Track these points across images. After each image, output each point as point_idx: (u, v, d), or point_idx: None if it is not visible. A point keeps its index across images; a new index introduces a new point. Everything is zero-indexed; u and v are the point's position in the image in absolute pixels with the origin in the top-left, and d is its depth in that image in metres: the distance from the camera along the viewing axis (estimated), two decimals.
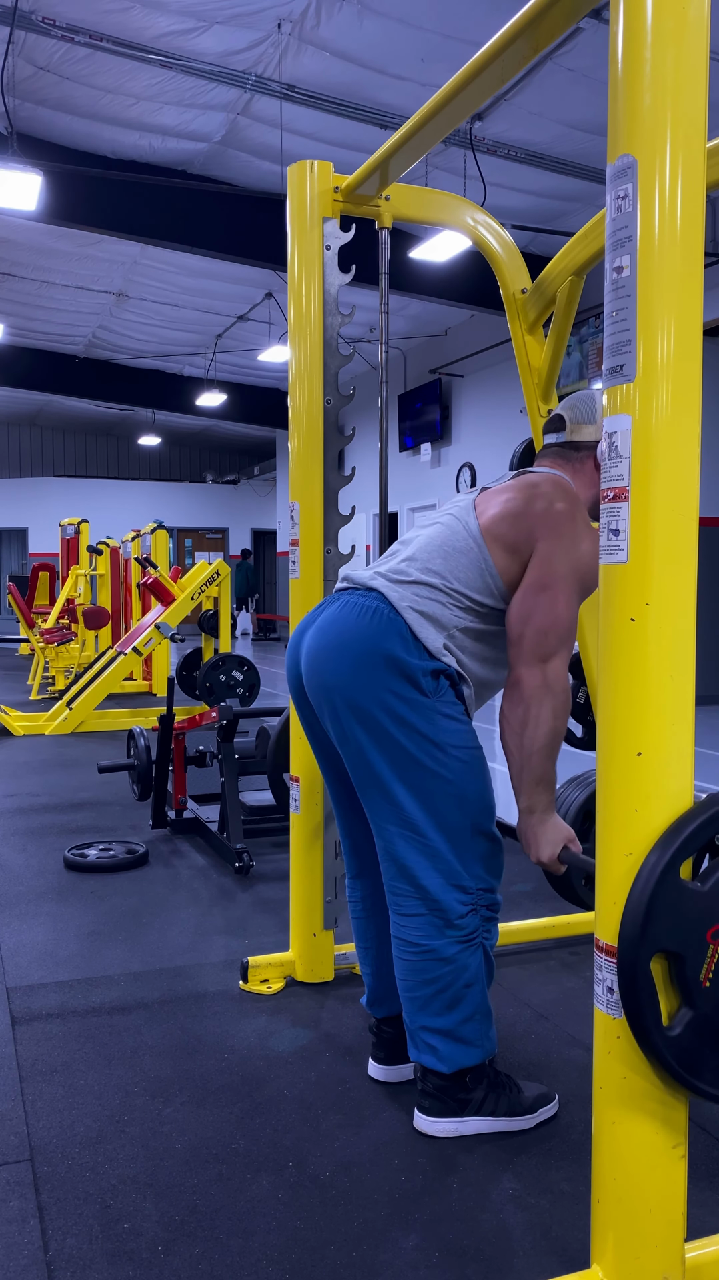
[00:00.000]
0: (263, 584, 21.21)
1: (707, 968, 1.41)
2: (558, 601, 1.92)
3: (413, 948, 1.98)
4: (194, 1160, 1.94)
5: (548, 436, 2.21)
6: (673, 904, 1.38)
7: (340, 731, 1.99)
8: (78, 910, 3.37)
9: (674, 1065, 1.40)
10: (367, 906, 2.22)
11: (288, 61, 6.47)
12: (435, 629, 1.96)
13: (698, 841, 1.39)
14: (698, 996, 1.42)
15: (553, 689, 1.92)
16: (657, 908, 1.37)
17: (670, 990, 1.42)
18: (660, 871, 1.37)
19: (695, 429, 1.38)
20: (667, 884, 1.37)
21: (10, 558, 20.47)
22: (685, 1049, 1.41)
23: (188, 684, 8.10)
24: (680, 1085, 1.42)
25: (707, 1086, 1.44)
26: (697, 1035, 1.42)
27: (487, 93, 2.07)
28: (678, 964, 1.41)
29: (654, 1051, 1.39)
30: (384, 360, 2.78)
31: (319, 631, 2.03)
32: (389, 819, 1.97)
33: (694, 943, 1.41)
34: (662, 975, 1.41)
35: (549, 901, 3.40)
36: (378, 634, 1.93)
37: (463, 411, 11.72)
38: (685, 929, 1.40)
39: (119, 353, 14.16)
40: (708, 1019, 1.42)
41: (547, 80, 6.33)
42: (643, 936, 1.37)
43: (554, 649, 1.92)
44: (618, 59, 1.37)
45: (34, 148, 7.61)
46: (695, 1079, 1.42)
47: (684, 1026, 1.41)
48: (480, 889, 1.99)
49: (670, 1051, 1.40)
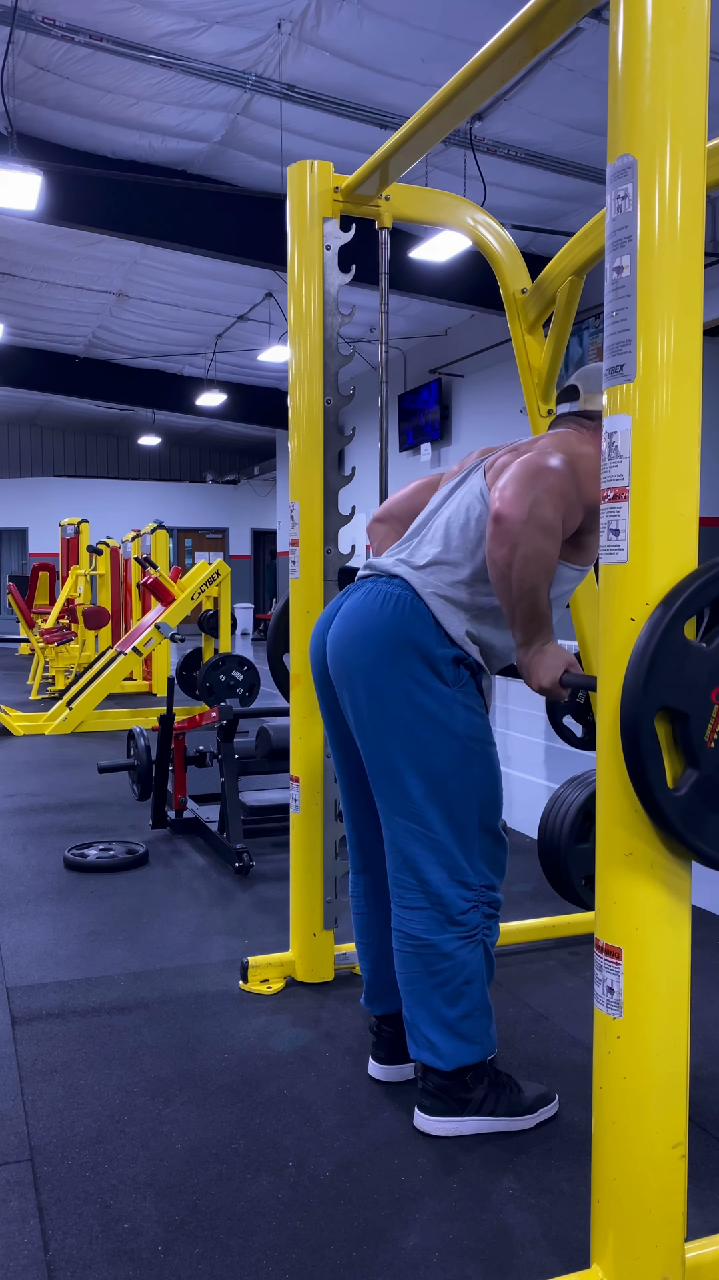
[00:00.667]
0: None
1: (711, 728, 1.38)
2: (548, 458, 1.86)
3: (413, 941, 1.98)
4: (194, 1160, 1.94)
5: (561, 406, 2.20)
6: (677, 661, 1.35)
7: (359, 717, 1.99)
8: (78, 910, 3.37)
9: (678, 826, 1.37)
10: (369, 902, 2.22)
11: (288, 61, 6.47)
12: (459, 614, 1.96)
13: (703, 599, 1.36)
14: (702, 757, 1.39)
15: (540, 522, 1.81)
16: (660, 663, 1.34)
17: (674, 753, 1.40)
18: (664, 627, 1.34)
19: (695, 429, 1.38)
20: (670, 640, 1.34)
21: (10, 558, 20.46)
22: (689, 810, 1.38)
23: (188, 684, 8.10)
24: (683, 846, 1.40)
25: (708, 848, 1.41)
26: (701, 796, 1.39)
27: (487, 93, 2.07)
28: (682, 724, 1.38)
29: (658, 813, 1.37)
30: (384, 360, 2.78)
31: (343, 619, 2.04)
32: (398, 810, 1.97)
33: (699, 701, 1.38)
34: (666, 738, 1.39)
35: (549, 901, 3.40)
36: (402, 621, 1.94)
37: (463, 411, 11.72)
38: (690, 686, 1.37)
39: (119, 353, 14.16)
40: (712, 779, 1.40)
41: (547, 80, 6.33)
42: (646, 691, 1.34)
43: (540, 492, 1.82)
44: (618, 59, 1.37)
45: (34, 148, 7.61)
46: (698, 839, 1.39)
47: (689, 787, 1.38)
48: (483, 886, 2.00)
49: (674, 812, 1.37)
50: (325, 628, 2.12)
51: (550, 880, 3.03)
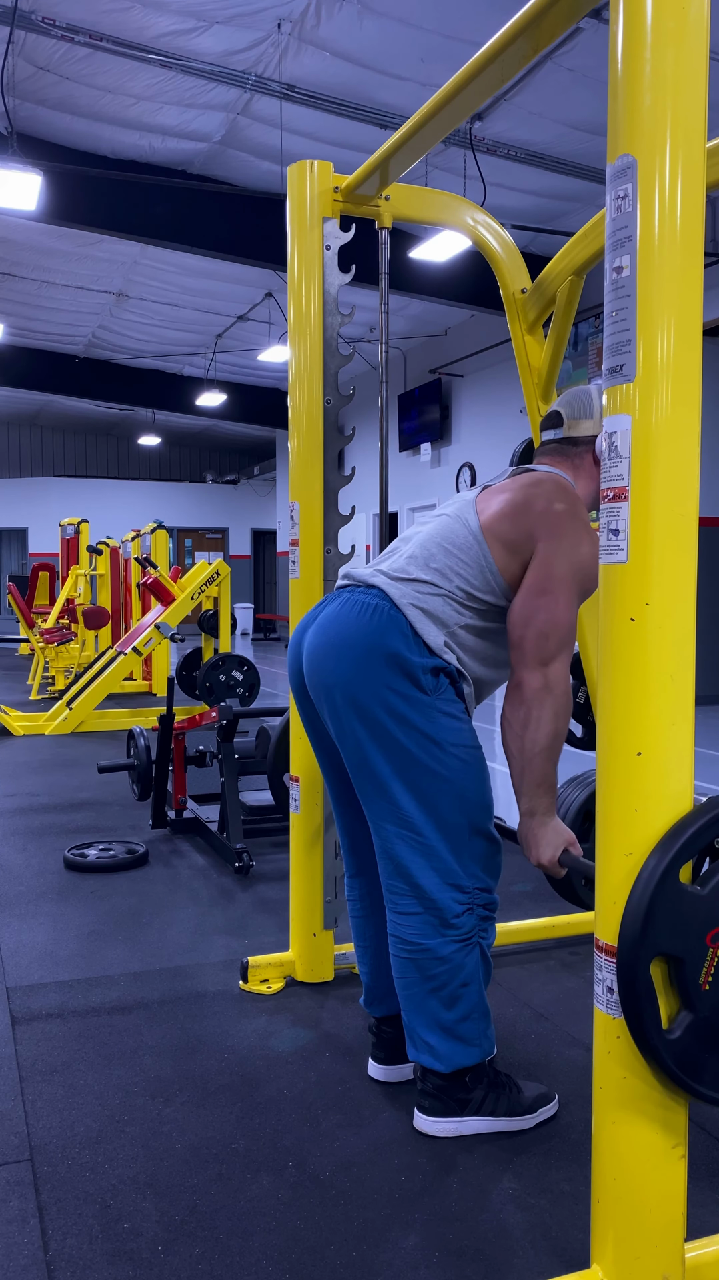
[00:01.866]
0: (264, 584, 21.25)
1: (706, 971, 1.41)
2: (558, 604, 1.93)
3: (409, 946, 1.98)
4: (194, 1160, 1.94)
5: (545, 433, 2.21)
6: (673, 907, 1.38)
7: (340, 728, 1.99)
8: (78, 910, 3.37)
9: (674, 1068, 1.40)
10: (365, 905, 2.22)
11: (288, 61, 6.47)
12: (436, 626, 1.97)
13: (698, 845, 1.39)
14: (698, 1000, 1.41)
15: (554, 691, 1.92)
16: (656, 911, 1.37)
17: (670, 993, 1.42)
18: (660, 875, 1.37)
19: (695, 429, 1.38)
20: (666, 887, 1.37)
21: (10, 558, 20.46)
22: (685, 1052, 1.41)
23: (188, 684, 8.10)
24: (680, 1089, 1.42)
25: (707, 1090, 1.43)
26: (696, 1038, 1.42)
27: (486, 93, 2.07)
28: (678, 967, 1.41)
29: (654, 1055, 1.39)
30: (384, 360, 2.78)
31: (320, 629, 2.03)
32: (387, 817, 1.97)
33: (694, 946, 1.41)
34: (661, 978, 1.41)
35: (549, 901, 3.40)
36: (379, 631, 1.94)
37: (463, 411, 11.72)
38: (685, 932, 1.40)
39: (119, 353, 14.16)
40: (707, 1022, 1.42)
41: (547, 80, 6.33)
42: (643, 939, 1.37)
43: (555, 652, 1.92)
44: (618, 59, 1.36)
45: (34, 148, 7.61)
46: (695, 1082, 1.42)
47: (684, 1030, 1.41)
48: (477, 888, 1.99)
49: (670, 1054, 1.40)
50: (302, 638, 2.11)
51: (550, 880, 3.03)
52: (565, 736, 1.95)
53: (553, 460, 2.16)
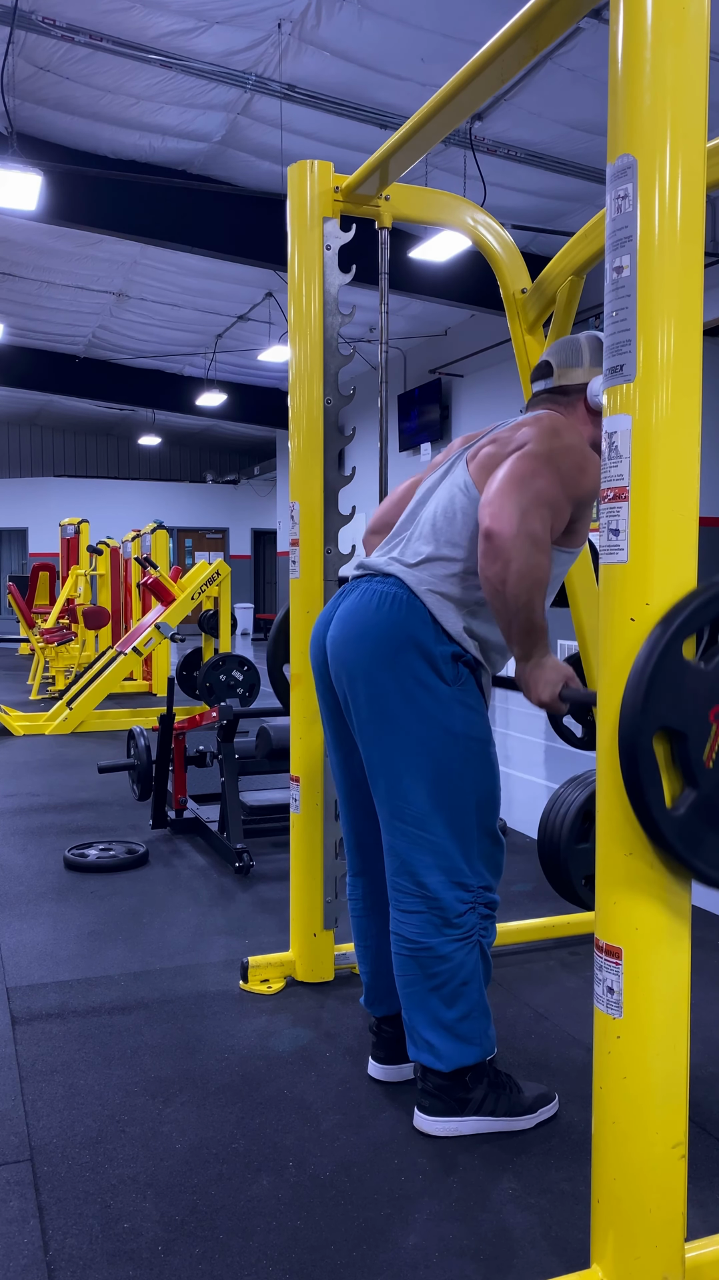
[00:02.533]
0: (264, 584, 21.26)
1: (710, 747, 1.39)
2: (533, 461, 1.85)
3: (411, 944, 1.98)
4: (194, 1160, 1.94)
5: (536, 384, 2.19)
6: (675, 681, 1.36)
7: (360, 717, 1.99)
8: (78, 910, 3.37)
9: (676, 845, 1.37)
10: (367, 904, 2.22)
11: (288, 61, 6.47)
12: (455, 609, 1.96)
13: (701, 619, 1.36)
14: (701, 776, 1.39)
15: (532, 535, 1.80)
16: (659, 683, 1.34)
17: (673, 772, 1.41)
18: (663, 647, 1.34)
19: (695, 429, 1.38)
20: (669, 660, 1.35)
21: (10, 558, 20.46)
22: (687, 829, 1.38)
23: (188, 684, 8.10)
24: (683, 867, 1.40)
25: (706, 867, 1.41)
26: (699, 816, 1.39)
27: (487, 93, 2.07)
28: (681, 743, 1.38)
29: (656, 832, 1.37)
30: (384, 360, 2.78)
31: (341, 621, 2.04)
32: (397, 813, 1.97)
33: (697, 721, 1.38)
34: (664, 757, 1.39)
35: (549, 901, 3.40)
36: (400, 620, 1.94)
37: (463, 411, 11.72)
38: (688, 706, 1.38)
39: (119, 353, 14.16)
40: (710, 799, 1.40)
41: (547, 80, 6.33)
42: (645, 711, 1.34)
43: (529, 503, 1.81)
44: (618, 59, 1.37)
45: (34, 148, 7.61)
46: (696, 859, 1.40)
47: (688, 807, 1.39)
48: (481, 887, 2.00)
49: (672, 831, 1.37)
50: (324, 630, 2.12)
51: (550, 880, 3.03)
52: (547, 579, 1.85)
53: (546, 408, 2.12)
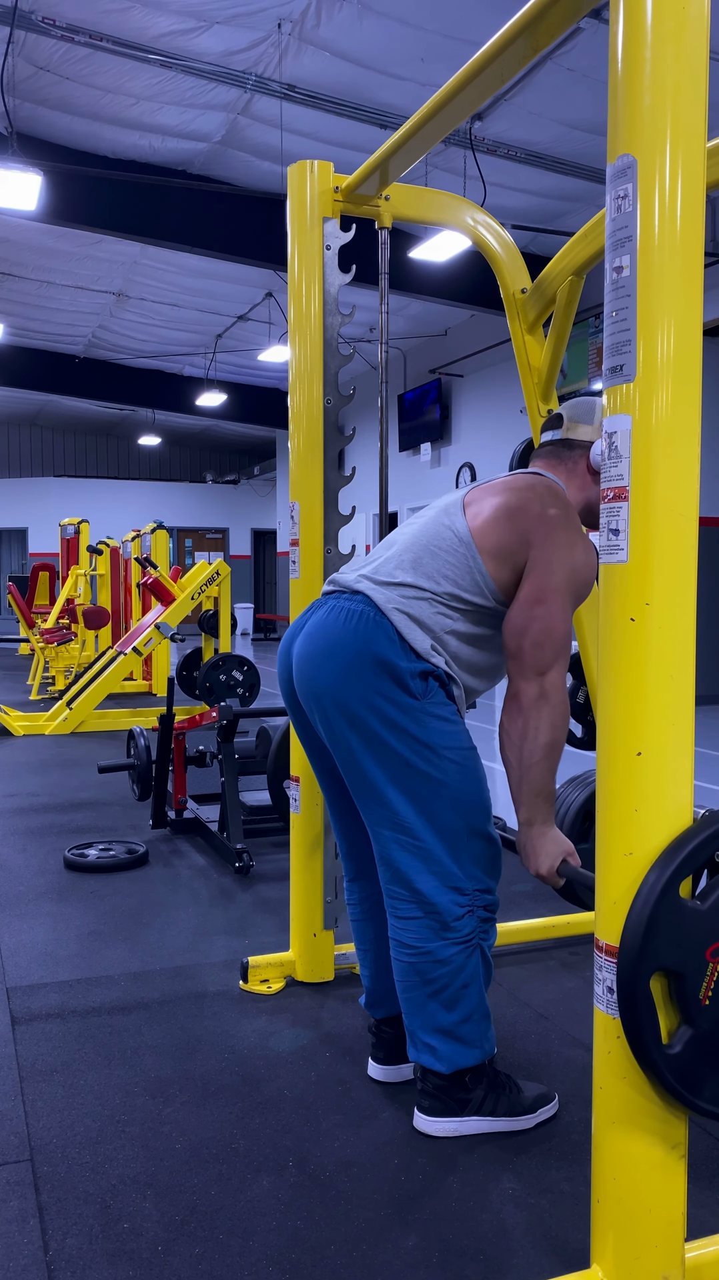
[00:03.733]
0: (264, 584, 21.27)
1: (706, 986, 1.41)
2: (553, 612, 1.92)
3: (410, 950, 1.98)
4: (194, 1160, 1.94)
5: (545, 434, 2.22)
6: (673, 922, 1.38)
7: (332, 736, 1.98)
8: (78, 910, 3.37)
9: (674, 1083, 1.40)
10: (365, 908, 2.22)
11: (288, 61, 6.47)
12: (422, 631, 1.96)
13: (698, 860, 1.38)
14: (698, 1015, 1.41)
15: (551, 700, 1.92)
16: (656, 926, 1.37)
17: (670, 1008, 1.42)
18: (661, 889, 1.36)
19: (695, 429, 1.38)
20: (667, 902, 1.37)
21: (10, 558, 20.46)
22: (685, 1067, 1.41)
23: (188, 684, 8.10)
24: (679, 1103, 1.42)
25: (707, 1105, 1.43)
26: (696, 1053, 1.42)
27: (486, 93, 2.07)
28: (678, 982, 1.41)
29: (653, 1069, 1.39)
30: (384, 360, 2.78)
31: (307, 638, 2.02)
32: (383, 823, 1.96)
33: (694, 961, 1.41)
34: (661, 993, 1.41)
35: (549, 901, 3.40)
36: (365, 638, 1.93)
37: (463, 411, 11.72)
38: (685, 947, 1.40)
39: (119, 353, 14.16)
40: (708, 1037, 1.42)
41: (547, 80, 6.33)
42: (642, 954, 1.37)
43: (551, 661, 1.92)
44: (618, 59, 1.36)
45: (34, 148, 7.61)
46: (695, 1097, 1.42)
47: (684, 1044, 1.41)
48: (477, 890, 1.99)
49: (670, 1069, 1.39)
50: (290, 646, 2.10)
51: None
52: (563, 746, 1.95)
53: (548, 464, 2.17)
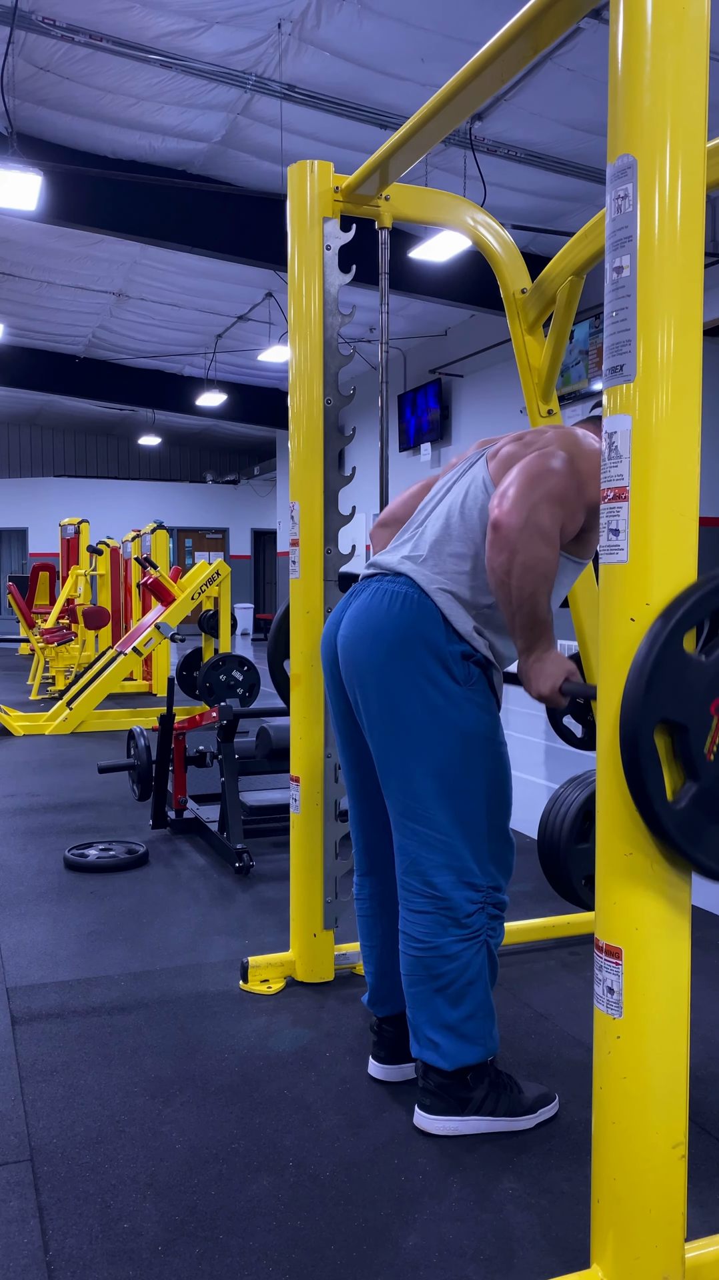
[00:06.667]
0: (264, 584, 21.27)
1: (711, 740, 1.39)
2: (550, 460, 1.87)
3: (419, 944, 1.98)
4: (194, 1160, 1.94)
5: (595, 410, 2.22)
6: (676, 674, 1.36)
7: (372, 717, 1.99)
8: (78, 910, 3.37)
9: (677, 839, 1.38)
10: (374, 905, 2.22)
11: (288, 61, 6.47)
12: (465, 609, 1.96)
13: (701, 612, 1.37)
14: (702, 769, 1.40)
15: (539, 528, 1.81)
16: (659, 676, 1.35)
17: (674, 766, 1.41)
18: (663, 640, 1.34)
19: (695, 429, 1.38)
20: (670, 653, 1.35)
21: (10, 558, 20.46)
22: (688, 822, 1.39)
23: (188, 684, 8.10)
24: (682, 858, 1.40)
25: (708, 860, 1.42)
26: (700, 809, 1.40)
27: (487, 93, 2.07)
28: (682, 736, 1.39)
29: (657, 825, 1.37)
30: (384, 360, 2.78)
31: (352, 621, 2.03)
32: (408, 812, 1.97)
33: (698, 714, 1.39)
34: (665, 750, 1.40)
35: (549, 901, 3.40)
36: (411, 619, 1.94)
37: (463, 411, 11.72)
38: (689, 699, 1.38)
39: (119, 353, 14.16)
40: (711, 791, 1.40)
41: (547, 80, 6.33)
42: (645, 703, 1.35)
43: (540, 498, 1.82)
44: (618, 59, 1.37)
45: (34, 148, 7.61)
46: (697, 852, 1.40)
47: (688, 800, 1.39)
48: (490, 887, 2.00)
49: (673, 824, 1.37)
50: (335, 630, 2.12)
51: (550, 880, 3.03)
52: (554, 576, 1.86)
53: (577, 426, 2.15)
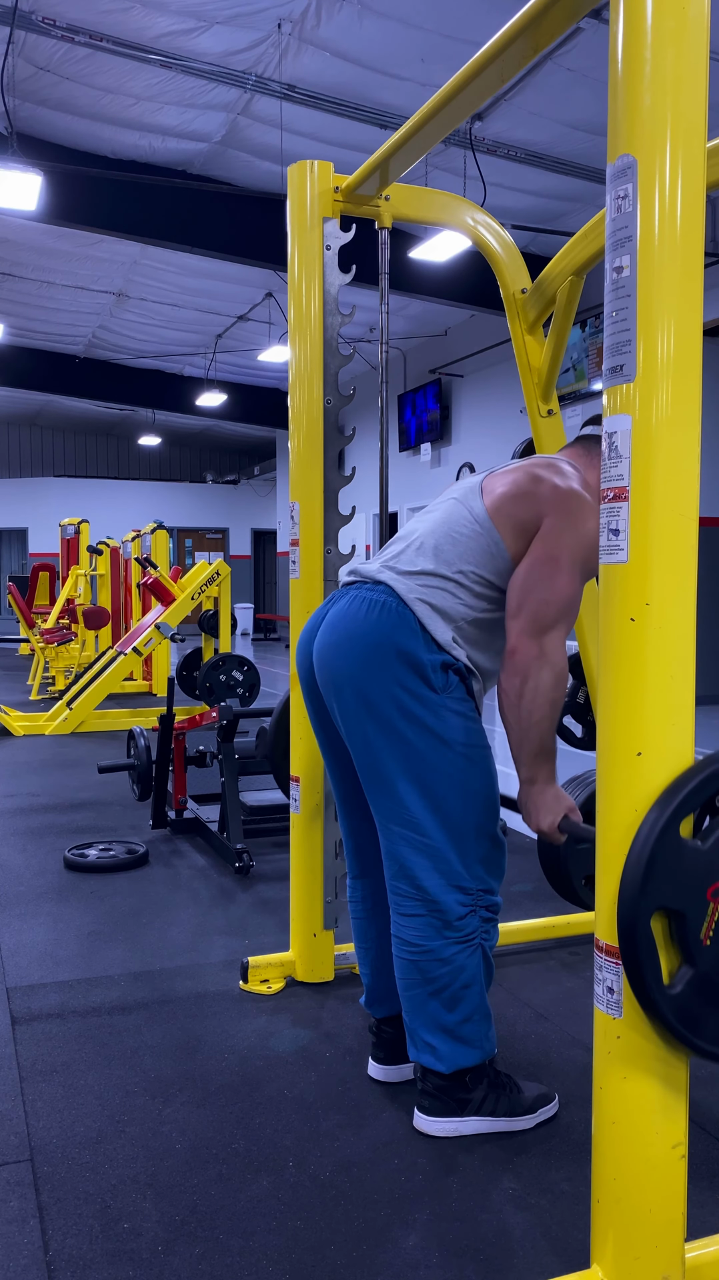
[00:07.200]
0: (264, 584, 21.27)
1: (707, 925, 1.41)
2: (560, 574, 1.91)
3: (412, 948, 1.98)
4: (194, 1160, 1.94)
5: (584, 429, 2.24)
6: (673, 861, 1.38)
7: (349, 726, 1.99)
8: (78, 910, 3.37)
9: (675, 1024, 1.39)
10: (367, 907, 2.22)
11: (288, 61, 6.47)
12: (444, 621, 1.96)
13: (698, 799, 1.38)
14: (698, 954, 1.41)
15: (550, 659, 1.90)
16: (657, 864, 1.36)
17: (671, 948, 1.42)
18: (661, 828, 1.36)
19: (695, 429, 1.38)
20: (667, 841, 1.36)
21: (10, 558, 20.46)
22: (686, 1007, 1.40)
23: (188, 684, 8.10)
24: (681, 1044, 1.41)
25: (707, 1045, 1.43)
26: (697, 993, 1.41)
27: (487, 93, 2.07)
28: (679, 922, 1.40)
29: (654, 1010, 1.38)
30: (384, 360, 2.78)
31: (329, 627, 2.03)
32: (393, 817, 1.97)
33: (695, 900, 1.40)
34: (662, 933, 1.41)
35: (549, 901, 3.40)
36: (388, 628, 1.93)
37: (463, 411, 11.72)
38: (686, 886, 1.39)
39: (119, 353, 14.16)
40: (708, 977, 1.41)
41: (547, 80, 6.33)
42: (643, 892, 1.36)
43: (553, 622, 1.90)
44: (618, 59, 1.37)
45: (34, 148, 7.61)
46: (696, 1037, 1.41)
47: (685, 984, 1.40)
48: (481, 890, 1.99)
49: (671, 1009, 1.38)
50: (311, 636, 2.11)
51: (550, 880, 3.03)
52: (563, 705, 1.93)
53: (572, 453, 2.17)
